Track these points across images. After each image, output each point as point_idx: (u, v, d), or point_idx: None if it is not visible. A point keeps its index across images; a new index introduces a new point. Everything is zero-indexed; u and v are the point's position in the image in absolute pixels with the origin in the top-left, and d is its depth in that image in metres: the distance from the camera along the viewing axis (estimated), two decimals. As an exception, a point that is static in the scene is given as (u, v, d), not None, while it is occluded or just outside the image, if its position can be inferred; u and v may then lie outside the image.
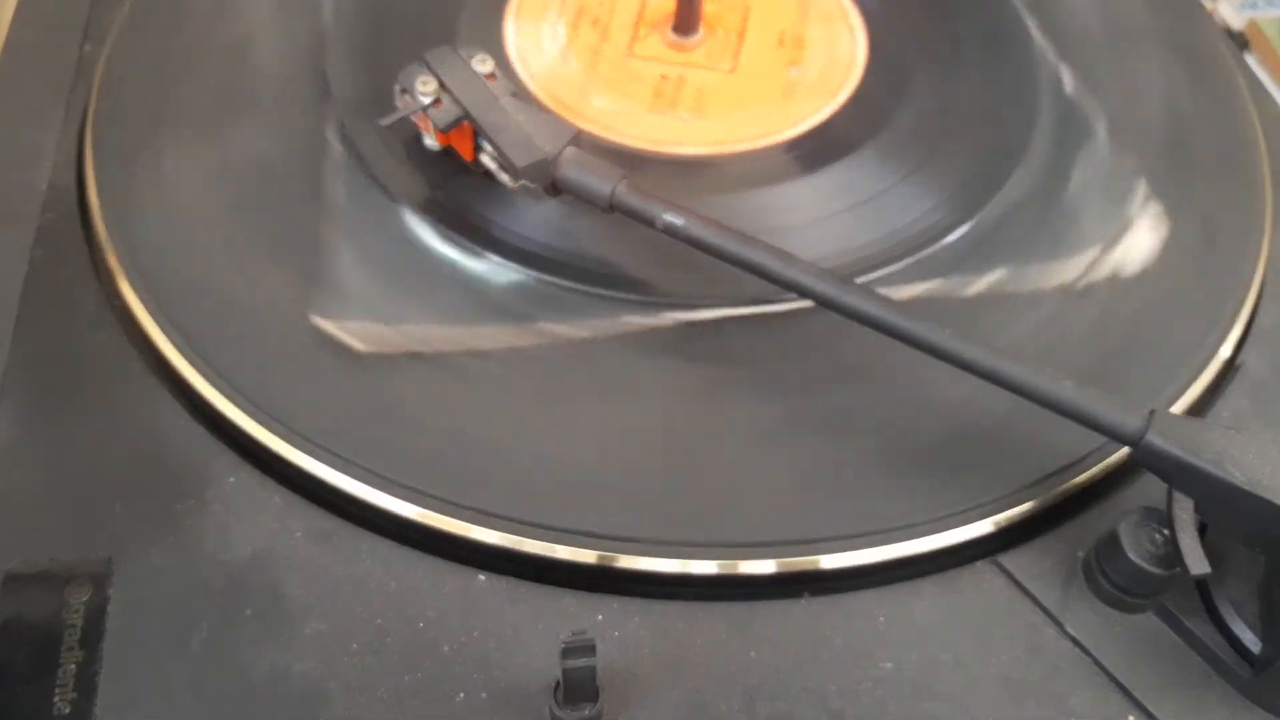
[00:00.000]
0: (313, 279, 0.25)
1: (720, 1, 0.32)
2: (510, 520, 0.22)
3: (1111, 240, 0.28)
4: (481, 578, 0.21)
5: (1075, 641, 0.21)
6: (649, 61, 0.31)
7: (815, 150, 0.29)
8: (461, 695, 0.20)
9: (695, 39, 0.31)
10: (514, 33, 0.31)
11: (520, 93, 0.27)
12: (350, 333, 0.25)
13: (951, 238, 0.27)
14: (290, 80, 0.30)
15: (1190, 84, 0.32)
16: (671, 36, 0.31)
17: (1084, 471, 0.23)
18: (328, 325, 0.25)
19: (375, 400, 0.23)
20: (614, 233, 0.26)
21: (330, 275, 0.26)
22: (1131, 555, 0.21)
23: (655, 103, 0.30)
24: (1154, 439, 0.20)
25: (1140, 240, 0.28)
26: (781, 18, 0.32)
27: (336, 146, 0.28)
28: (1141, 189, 0.29)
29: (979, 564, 0.22)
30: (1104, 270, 0.27)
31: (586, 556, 0.21)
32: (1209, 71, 0.33)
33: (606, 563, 0.21)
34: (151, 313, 0.24)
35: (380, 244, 0.26)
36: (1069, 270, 0.27)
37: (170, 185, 0.27)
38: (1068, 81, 0.31)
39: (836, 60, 0.31)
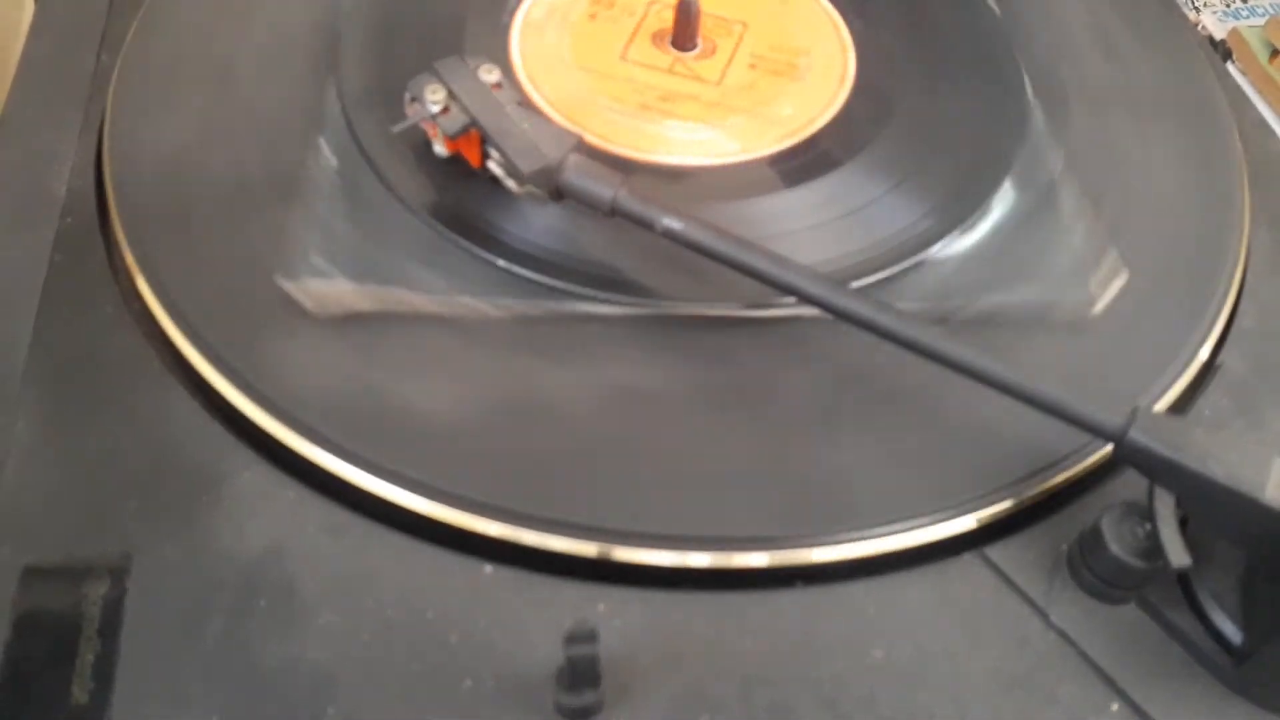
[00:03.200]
0: (324, 278, 0.26)
1: (717, 17, 0.33)
2: (516, 513, 0.22)
3: (1094, 244, 0.28)
4: (488, 569, 0.22)
5: (1060, 632, 0.22)
6: (648, 71, 0.31)
7: (807, 161, 0.29)
8: (469, 683, 0.20)
9: (693, 54, 0.32)
10: (520, 43, 0.32)
11: (525, 101, 0.28)
12: (363, 332, 0.25)
13: (939, 245, 0.28)
14: (302, 88, 0.30)
15: (1171, 91, 0.33)
16: (671, 50, 0.32)
17: (1068, 467, 0.24)
18: (341, 324, 0.25)
19: (386, 397, 0.24)
20: (616, 237, 0.27)
21: (340, 275, 0.26)
22: (1114, 548, 0.21)
23: (654, 113, 0.30)
24: (1136, 436, 0.21)
25: (1122, 243, 0.29)
26: (774, 33, 0.33)
27: (349, 153, 0.29)
28: (1122, 194, 0.30)
29: (966, 556, 0.23)
30: (1087, 273, 0.28)
31: (587, 550, 0.22)
32: (1189, 79, 0.33)
33: (606, 555, 0.22)
34: (169, 312, 0.25)
35: (388, 247, 0.27)
36: (1053, 273, 0.28)
37: (186, 189, 0.28)
38: (1052, 92, 0.32)
39: (827, 74, 0.32)
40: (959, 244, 0.28)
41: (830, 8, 0.34)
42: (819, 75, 0.32)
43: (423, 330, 0.25)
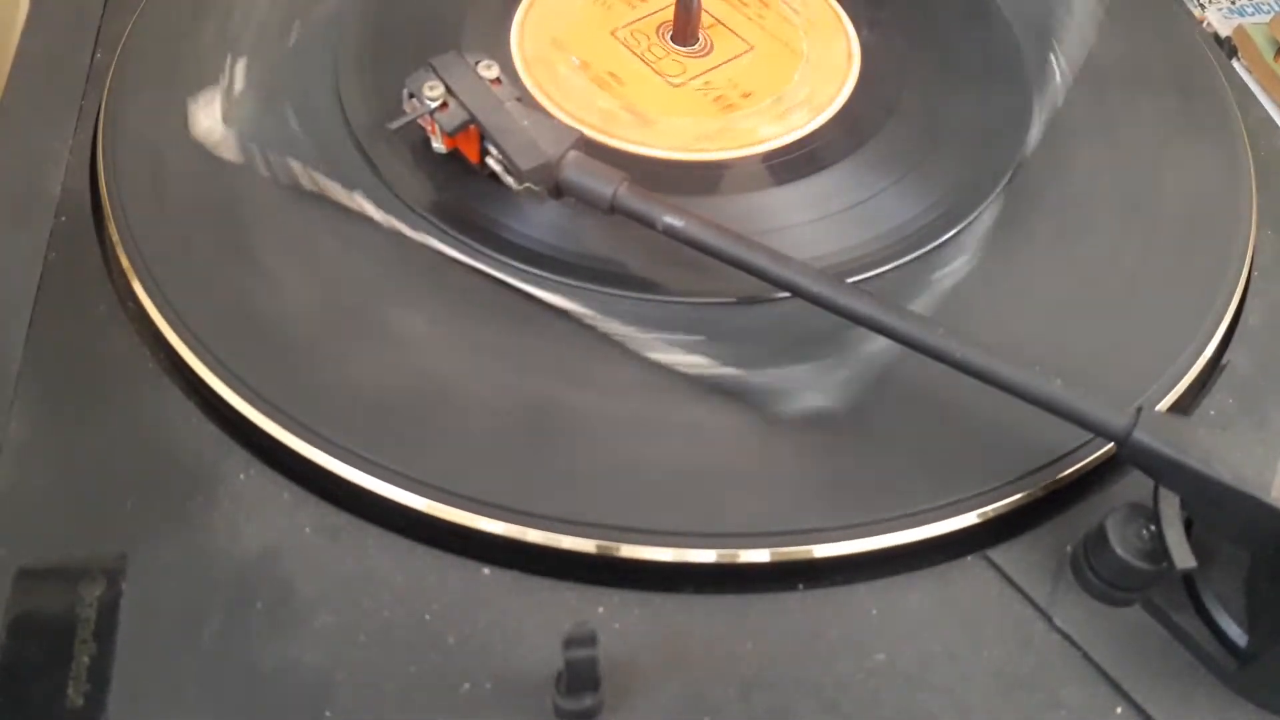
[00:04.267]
0: (318, 275, 0.26)
1: (736, 28, 0.32)
2: (515, 511, 0.22)
3: (1099, 242, 0.28)
4: (486, 571, 0.22)
5: (1064, 635, 0.22)
6: (628, 54, 0.31)
7: (809, 156, 0.29)
8: (466, 686, 0.20)
9: (689, 50, 0.32)
10: (520, 39, 0.32)
11: (525, 97, 0.27)
12: (359, 330, 0.25)
13: (943, 240, 0.28)
14: (300, 84, 0.30)
15: (1176, 88, 0.33)
16: (667, 42, 0.32)
17: (1072, 468, 0.24)
18: (336, 321, 0.25)
19: (382, 397, 0.24)
20: (616, 234, 0.26)
21: (334, 271, 0.26)
22: (1119, 550, 0.21)
23: (718, 110, 0.30)
24: (1141, 436, 0.21)
25: (1127, 242, 0.28)
26: (775, 30, 0.32)
27: (345, 148, 0.28)
28: (1128, 193, 0.30)
29: (969, 558, 0.22)
30: (1091, 271, 0.28)
31: (587, 546, 0.22)
32: (1195, 76, 0.33)
33: (606, 553, 0.22)
34: (164, 312, 0.25)
35: (387, 245, 0.27)
36: (1057, 272, 0.28)
37: (181, 188, 0.28)
38: (1056, 90, 0.32)
39: (829, 68, 0.31)
40: (961, 238, 0.28)
41: (836, 5, 0.33)
42: (820, 69, 0.31)
43: (420, 329, 0.25)
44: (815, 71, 0.31)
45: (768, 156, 0.29)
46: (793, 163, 0.29)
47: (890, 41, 0.32)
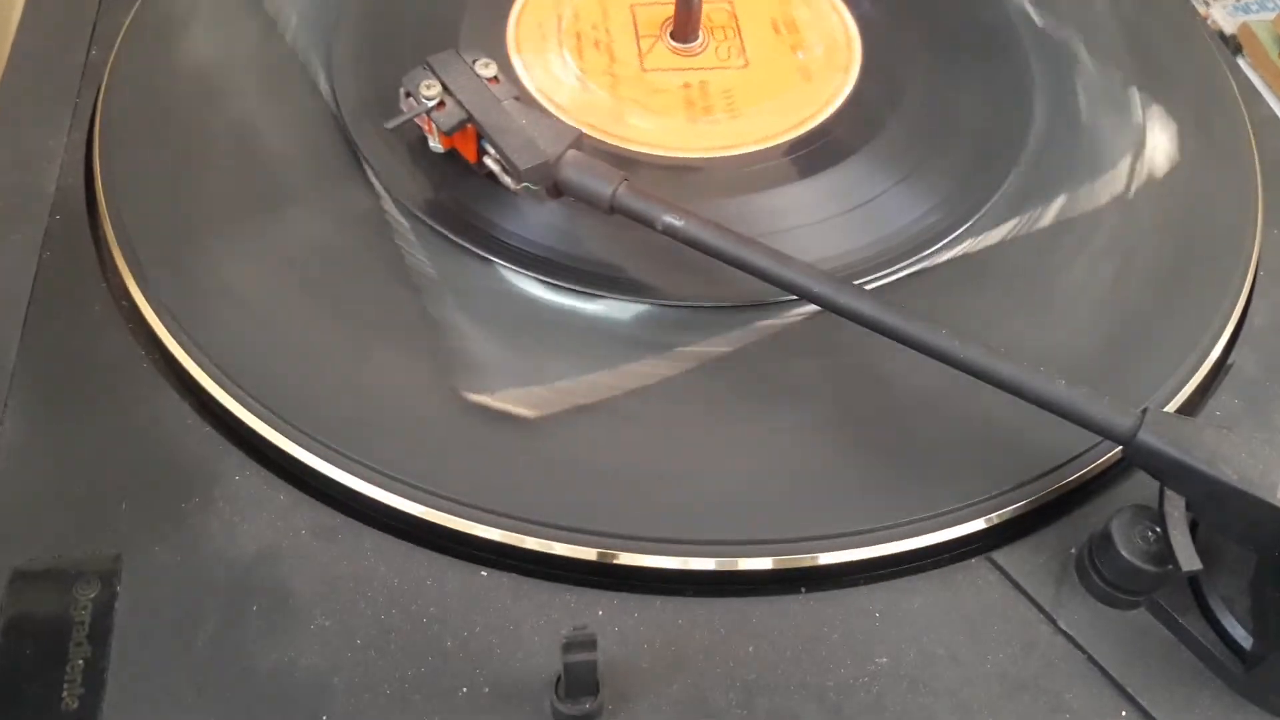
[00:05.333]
0: (316, 277, 0.26)
1: (707, 4, 0.32)
2: (512, 517, 0.22)
3: (1105, 242, 0.28)
4: (484, 573, 0.22)
5: (1069, 637, 0.21)
6: (664, 73, 0.31)
7: (811, 155, 0.29)
8: (464, 689, 0.20)
9: (695, 43, 0.32)
10: (517, 36, 0.32)
11: (523, 96, 0.27)
12: (354, 330, 0.25)
13: (946, 241, 0.27)
14: (295, 83, 0.30)
15: (1182, 88, 0.32)
16: (674, 44, 0.32)
17: (1077, 470, 0.23)
18: (331, 323, 0.25)
19: (379, 398, 0.24)
20: (615, 235, 0.26)
21: (330, 270, 0.26)
22: (1124, 552, 0.21)
23: (686, 111, 0.29)
24: (1146, 438, 0.21)
25: (1132, 245, 0.28)
26: (767, 8, 0.32)
27: (339, 146, 0.28)
28: (1133, 192, 0.29)
29: (973, 561, 0.22)
30: (1097, 271, 0.27)
31: (587, 553, 0.22)
32: (1201, 75, 0.33)
33: (606, 559, 0.22)
34: (158, 312, 0.25)
35: (382, 246, 0.26)
36: (1063, 271, 0.27)
37: (176, 187, 0.28)
38: (1061, 89, 0.31)
39: (834, 41, 0.31)
40: (963, 238, 0.27)
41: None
42: (823, 65, 0.31)
43: (414, 328, 0.25)
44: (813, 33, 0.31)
45: (770, 154, 0.29)
46: (796, 162, 0.29)
47: (892, 32, 0.32)
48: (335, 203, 0.27)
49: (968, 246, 0.27)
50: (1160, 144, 0.31)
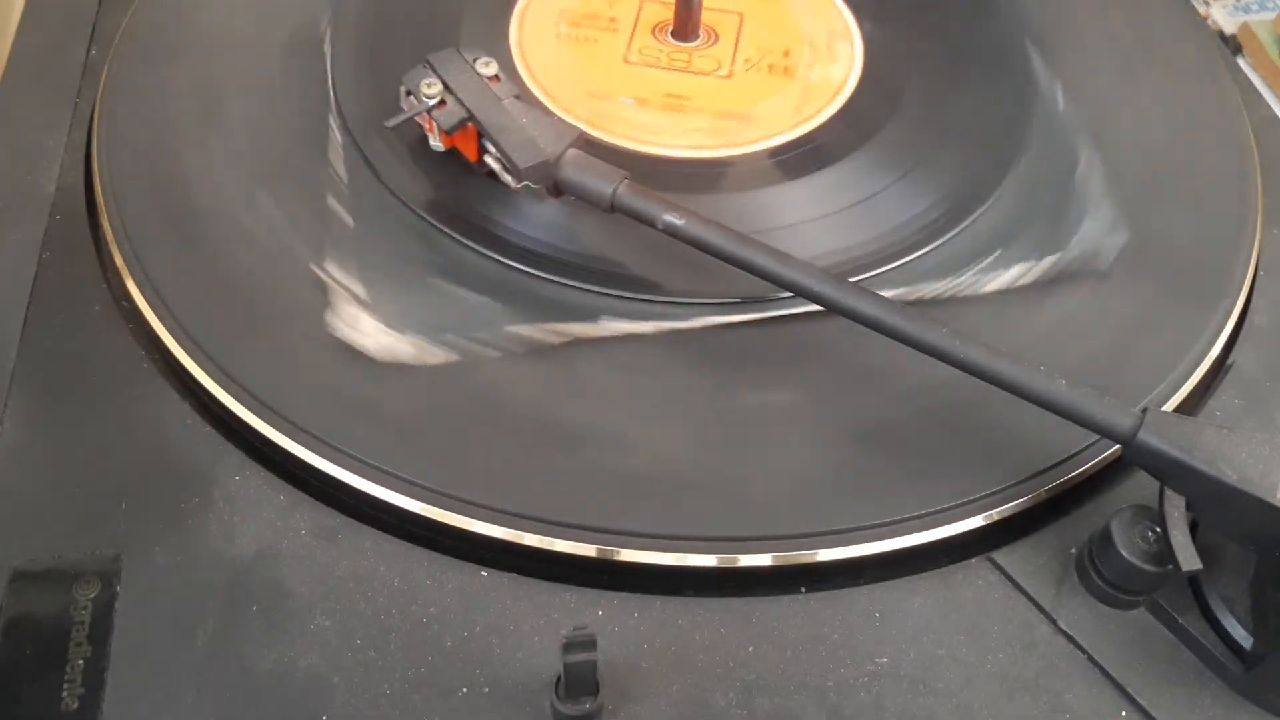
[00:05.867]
0: (318, 279, 0.26)
1: (717, 7, 0.32)
2: (511, 515, 0.22)
3: (1104, 241, 0.28)
4: (484, 573, 0.22)
5: (1069, 637, 0.21)
6: (651, 69, 0.31)
7: (812, 153, 0.29)
8: (464, 690, 0.20)
9: (696, 44, 0.32)
10: (518, 36, 0.32)
11: (524, 95, 0.27)
12: (356, 332, 0.25)
13: (946, 239, 0.27)
14: (295, 82, 0.30)
15: (1182, 87, 0.32)
16: (671, 42, 0.32)
17: (1077, 469, 0.23)
18: (334, 325, 0.25)
19: (378, 397, 0.24)
20: (615, 233, 0.26)
21: (335, 275, 0.26)
22: (1124, 552, 0.21)
23: (662, 109, 0.30)
24: (1146, 437, 0.21)
25: (1132, 241, 0.28)
26: (778, 22, 0.32)
27: (342, 147, 0.28)
28: (1133, 192, 0.29)
29: (974, 561, 0.22)
30: (1097, 270, 0.27)
31: (586, 550, 0.22)
32: (1201, 75, 0.33)
33: (606, 557, 0.22)
34: (158, 312, 0.25)
35: (386, 245, 0.26)
36: (1062, 271, 0.27)
37: (177, 187, 0.28)
38: (1060, 85, 0.31)
39: (832, 63, 0.31)
40: (964, 236, 0.27)
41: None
42: (823, 64, 0.31)
43: (417, 330, 0.25)
44: (812, 14, 0.31)
45: (772, 153, 0.29)
46: (796, 160, 0.29)
47: (893, 32, 0.32)
48: (340, 204, 0.27)
49: (965, 247, 0.27)
50: (1160, 143, 0.31)
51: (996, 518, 0.23)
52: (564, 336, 0.25)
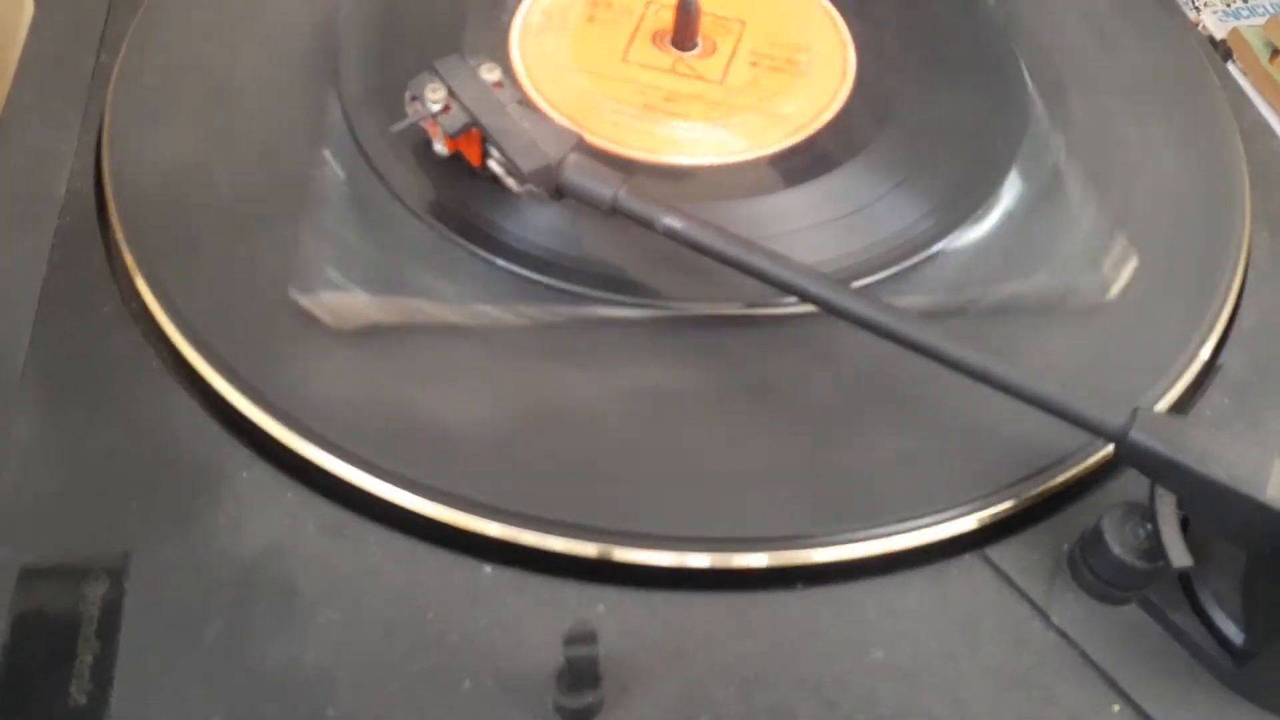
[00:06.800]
0: (324, 280, 0.26)
1: (716, 16, 0.33)
2: (515, 514, 0.22)
3: (1095, 245, 0.28)
4: (487, 570, 0.22)
5: (1061, 633, 0.22)
6: (649, 72, 0.32)
7: (809, 160, 0.29)
8: (468, 683, 0.20)
9: (693, 53, 0.32)
10: (520, 41, 0.32)
11: (526, 100, 0.28)
12: (363, 333, 0.25)
13: (940, 245, 0.28)
14: (302, 88, 0.30)
15: (1172, 92, 0.33)
16: (671, 50, 0.32)
17: (1069, 467, 0.24)
18: (341, 326, 0.25)
19: (386, 397, 0.24)
20: (616, 237, 0.27)
21: (341, 276, 0.26)
22: (1115, 549, 0.21)
23: (655, 113, 0.30)
24: (1137, 436, 0.21)
25: (1122, 244, 0.29)
26: (773, 30, 0.33)
27: (349, 153, 0.28)
28: (1123, 196, 0.30)
29: (966, 557, 0.23)
30: (1088, 273, 0.28)
31: (587, 549, 0.22)
32: (1190, 80, 0.33)
33: (606, 555, 0.22)
34: (168, 312, 0.25)
35: (391, 247, 0.27)
36: (1054, 274, 0.28)
37: (185, 190, 0.28)
38: (1051, 92, 0.32)
39: (827, 71, 0.32)
40: (959, 243, 0.28)
41: (828, 4, 0.34)
42: (819, 73, 0.32)
43: (421, 331, 0.25)
44: (811, 25, 0.32)
45: (766, 161, 0.29)
46: (796, 166, 0.29)
47: (881, 34, 0.32)
48: (346, 207, 0.28)
49: (958, 252, 0.28)
50: (1150, 147, 0.31)
51: (989, 516, 0.23)
52: (565, 339, 0.25)
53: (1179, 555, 0.20)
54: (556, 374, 0.25)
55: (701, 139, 0.30)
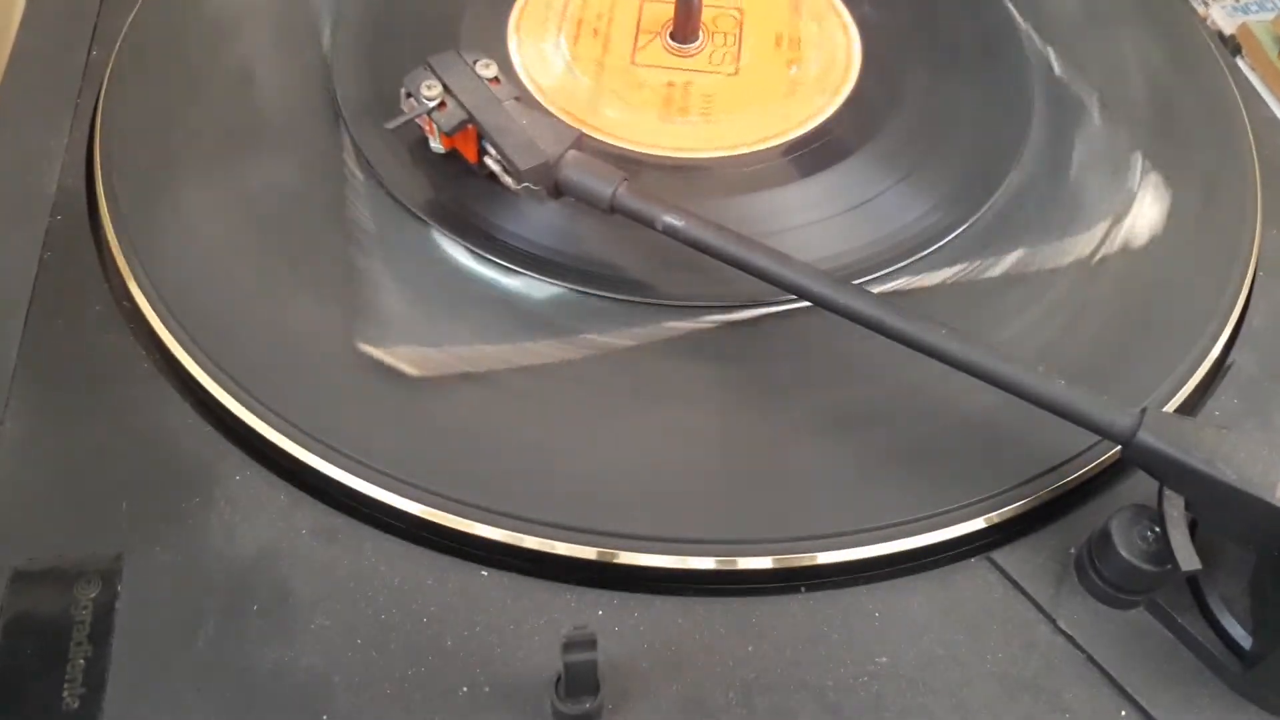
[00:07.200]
0: (317, 278, 0.26)
1: (718, 9, 0.32)
2: (512, 517, 0.22)
3: (1105, 243, 0.28)
4: (484, 573, 0.22)
5: (1068, 637, 0.21)
6: (650, 66, 0.31)
7: (813, 154, 0.29)
8: (464, 689, 0.20)
9: (694, 45, 0.32)
10: (517, 37, 0.32)
11: (524, 96, 0.27)
12: (354, 331, 0.25)
13: (945, 242, 0.27)
14: (295, 83, 0.30)
15: (1181, 87, 0.32)
16: (671, 43, 0.32)
17: (1076, 470, 0.23)
18: (332, 324, 0.25)
19: (379, 398, 0.24)
20: (615, 235, 0.26)
21: (333, 274, 0.26)
22: (1123, 552, 0.21)
23: (662, 109, 0.30)
24: (1145, 437, 0.21)
25: (1132, 243, 0.28)
26: (777, 23, 0.32)
27: (340, 148, 0.28)
28: (1132, 194, 0.29)
29: (973, 560, 0.22)
30: (1097, 271, 0.27)
31: (586, 552, 0.22)
32: (1200, 76, 0.33)
33: (606, 559, 0.22)
34: (159, 313, 0.25)
35: (383, 244, 0.26)
36: (1062, 272, 0.27)
37: (177, 187, 0.28)
38: (1060, 88, 0.31)
39: (833, 61, 0.31)
40: (963, 239, 0.27)
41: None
42: (822, 66, 0.31)
43: (416, 331, 0.25)
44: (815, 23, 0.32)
45: (770, 155, 0.29)
46: (795, 162, 0.29)
47: (895, 55, 0.32)
48: (337, 203, 0.27)
49: (964, 249, 0.27)
50: (1159, 144, 0.31)
51: (996, 518, 0.23)
52: (560, 339, 0.25)
53: (1187, 558, 0.20)
54: (556, 373, 0.24)
55: (703, 133, 0.29)
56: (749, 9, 0.33)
